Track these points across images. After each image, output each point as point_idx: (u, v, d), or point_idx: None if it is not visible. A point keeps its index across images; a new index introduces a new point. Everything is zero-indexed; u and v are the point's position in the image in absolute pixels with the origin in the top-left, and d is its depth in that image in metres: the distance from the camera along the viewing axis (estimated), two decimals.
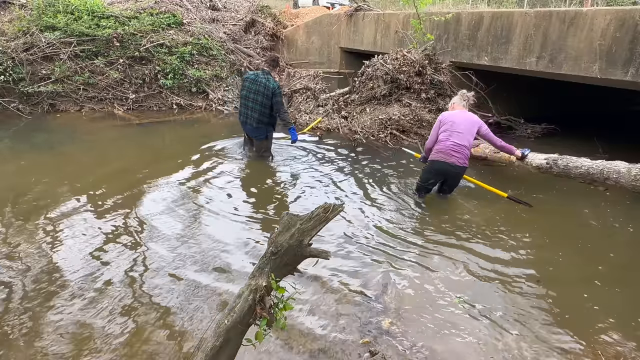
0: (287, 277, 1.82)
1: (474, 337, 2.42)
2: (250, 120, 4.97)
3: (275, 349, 2.25)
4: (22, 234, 3.35)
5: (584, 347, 2.37)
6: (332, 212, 1.73)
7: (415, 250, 3.32)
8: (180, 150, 5.64)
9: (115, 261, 3.03)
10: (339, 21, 9.48)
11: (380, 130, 6.33)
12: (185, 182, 4.50)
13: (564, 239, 3.63)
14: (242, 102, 5.01)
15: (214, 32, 9.15)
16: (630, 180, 2.98)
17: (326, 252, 1.80)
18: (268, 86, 4.83)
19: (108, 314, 2.49)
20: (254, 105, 4.89)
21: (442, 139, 3.94)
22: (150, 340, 2.30)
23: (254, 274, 1.74)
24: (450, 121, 3.95)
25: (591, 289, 2.94)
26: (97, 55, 7.86)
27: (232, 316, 1.61)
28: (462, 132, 3.86)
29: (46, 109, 7.42)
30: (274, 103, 4.87)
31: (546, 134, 6.74)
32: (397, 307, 2.65)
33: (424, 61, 6.45)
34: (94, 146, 5.84)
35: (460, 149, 3.83)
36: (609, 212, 4.10)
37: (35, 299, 2.59)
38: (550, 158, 4.14)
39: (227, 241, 3.34)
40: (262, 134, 5.09)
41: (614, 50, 4.52)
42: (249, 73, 5.10)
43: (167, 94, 8.23)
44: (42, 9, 7.77)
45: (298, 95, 7.82)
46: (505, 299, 2.78)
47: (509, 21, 5.65)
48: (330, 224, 1.79)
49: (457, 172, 3.91)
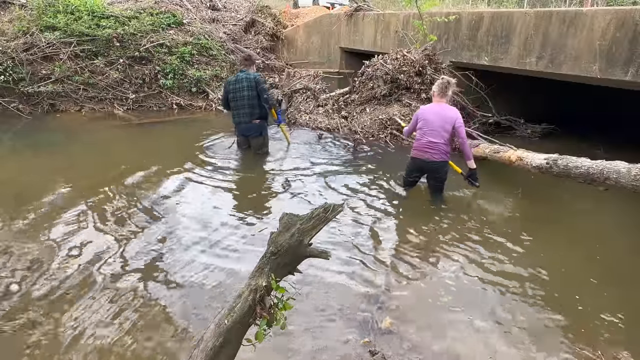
0: (287, 277, 1.82)
1: (474, 338, 2.42)
2: (244, 118, 5.07)
3: (275, 349, 2.25)
4: (22, 234, 3.34)
5: (584, 348, 2.37)
6: (332, 212, 1.73)
7: (415, 251, 3.32)
8: (181, 150, 5.64)
9: (115, 261, 3.03)
10: (339, 21, 9.48)
11: (380, 130, 6.33)
12: (185, 182, 4.50)
13: (564, 239, 3.63)
14: (232, 105, 5.09)
15: (214, 32, 9.15)
16: (630, 180, 2.97)
17: (326, 252, 1.79)
18: (250, 78, 4.94)
19: (101, 316, 2.49)
20: (242, 101, 5.00)
21: (417, 137, 4.13)
22: (147, 342, 2.30)
23: (253, 274, 1.74)
24: (424, 119, 4.06)
25: (591, 288, 2.94)
26: (97, 55, 7.87)
27: (232, 316, 1.61)
28: (435, 130, 3.97)
29: (46, 109, 7.42)
30: (259, 91, 4.94)
31: (546, 134, 6.74)
32: (397, 307, 2.65)
33: (424, 61, 6.44)
34: (94, 146, 5.84)
35: (433, 145, 3.98)
36: (609, 212, 4.10)
37: (34, 298, 2.59)
38: (550, 158, 4.13)
39: (226, 241, 3.34)
40: (257, 130, 5.17)
41: (614, 50, 4.51)
42: (229, 78, 5.18)
43: (167, 94, 8.23)
44: (42, 9, 7.77)
45: (298, 95, 7.81)
46: (504, 300, 2.77)
47: (509, 21, 5.64)
48: (330, 224, 1.79)
49: (434, 167, 4.03)
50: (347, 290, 2.80)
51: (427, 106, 4.22)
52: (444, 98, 4.08)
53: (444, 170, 4.08)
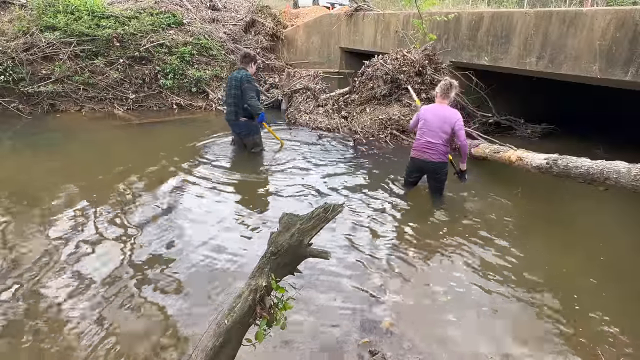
0: (287, 277, 1.82)
1: (474, 338, 2.42)
2: (230, 116, 5.17)
3: (275, 349, 2.25)
4: (22, 234, 3.34)
5: (584, 347, 2.37)
6: (332, 212, 1.73)
7: (415, 251, 3.32)
8: (181, 150, 5.63)
9: (114, 261, 3.03)
10: (339, 21, 9.47)
11: (380, 130, 6.33)
12: (185, 182, 4.50)
13: (565, 239, 3.63)
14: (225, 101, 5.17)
15: (214, 32, 9.15)
16: (630, 180, 2.97)
17: (326, 252, 1.80)
18: (238, 77, 4.99)
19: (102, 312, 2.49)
20: (230, 99, 5.10)
21: (417, 136, 4.16)
22: (146, 343, 2.30)
23: (254, 274, 1.74)
24: (424, 119, 4.09)
25: (591, 288, 2.94)
26: (97, 55, 7.86)
27: (232, 316, 1.61)
28: (434, 130, 4.00)
29: (46, 109, 7.42)
30: (242, 90, 4.95)
31: (546, 134, 6.75)
32: (397, 307, 2.65)
33: (424, 61, 6.44)
34: (94, 146, 5.84)
35: (432, 146, 4.00)
36: (609, 212, 4.10)
37: (33, 297, 2.60)
38: (550, 158, 4.13)
39: (226, 241, 3.34)
40: (244, 129, 5.22)
41: (614, 50, 4.51)
42: (232, 74, 5.23)
43: (167, 94, 8.23)
44: (42, 9, 7.77)
45: (298, 95, 7.81)
46: (505, 300, 2.77)
47: (509, 21, 5.65)
48: (330, 224, 1.79)
49: (433, 167, 4.07)
50: (346, 290, 2.80)
51: (428, 106, 4.24)
52: (446, 99, 4.09)
53: (443, 171, 4.09)
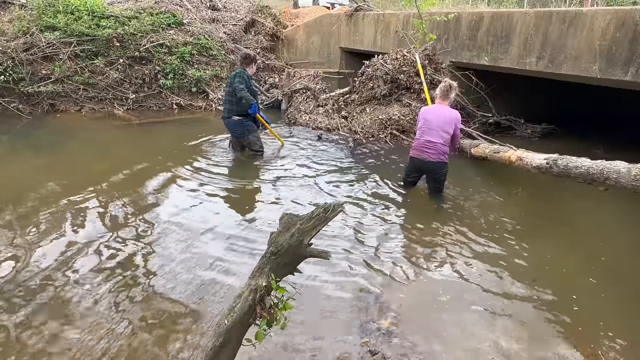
0: (287, 277, 1.82)
1: (474, 337, 2.42)
2: (224, 113, 5.21)
3: (275, 349, 2.25)
4: (21, 234, 3.34)
5: (584, 347, 2.37)
6: (332, 212, 1.73)
7: (415, 250, 3.32)
8: (180, 150, 5.64)
9: (114, 261, 3.03)
10: (339, 21, 9.47)
11: (380, 130, 6.33)
12: (185, 182, 4.50)
13: (565, 239, 3.63)
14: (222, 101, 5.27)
15: (214, 32, 9.15)
16: (630, 180, 2.97)
17: (326, 252, 1.79)
18: (232, 75, 5.05)
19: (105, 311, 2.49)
20: (225, 97, 5.18)
21: (417, 136, 4.17)
22: (145, 343, 2.30)
23: (253, 274, 1.74)
24: (424, 119, 4.11)
25: (591, 288, 2.94)
26: (97, 55, 7.87)
27: (232, 316, 1.61)
28: (434, 129, 4.02)
29: (46, 109, 7.42)
30: (234, 87, 4.93)
31: (546, 134, 6.74)
32: (397, 307, 2.65)
33: (424, 61, 6.44)
34: (94, 146, 5.84)
35: (432, 145, 4.02)
36: (609, 212, 4.10)
37: (32, 297, 2.60)
38: (550, 158, 4.13)
39: (226, 241, 3.34)
40: (239, 128, 5.22)
41: (614, 50, 4.51)
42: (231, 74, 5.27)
43: (167, 94, 8.23)
44: (42, 9, 7.77)
45: (298, 95, 7.81)
46: (505, 299, 2.77)
47: (509, 21, 5.65)
48: (330, 224, 1.79)
49: (432, 167, 4.08)
50: (347, 290, 2.80)
51: (429, 106, 4.28)
52: (446, 100, 4.13)
53: (442, 171, 4.11)
